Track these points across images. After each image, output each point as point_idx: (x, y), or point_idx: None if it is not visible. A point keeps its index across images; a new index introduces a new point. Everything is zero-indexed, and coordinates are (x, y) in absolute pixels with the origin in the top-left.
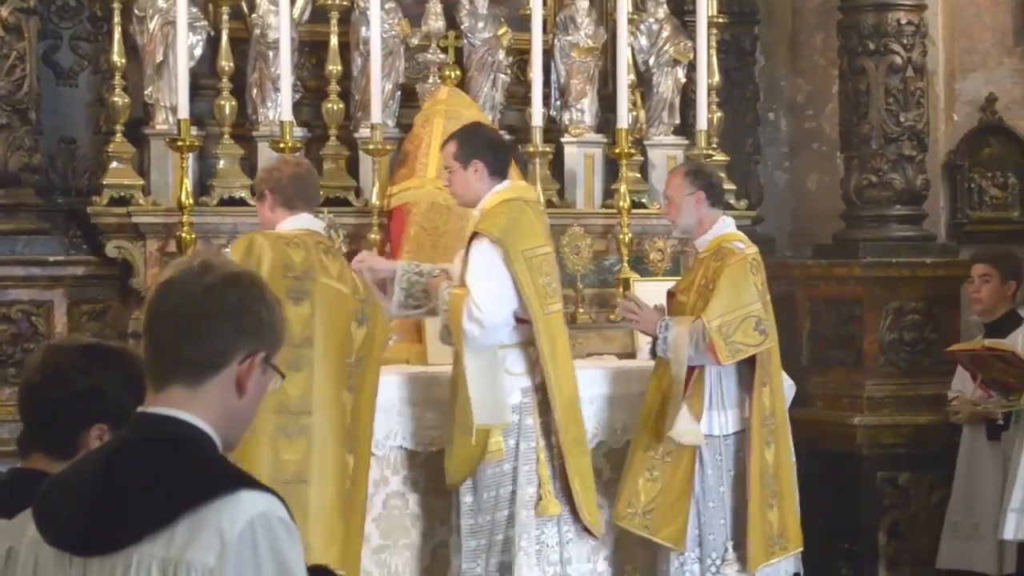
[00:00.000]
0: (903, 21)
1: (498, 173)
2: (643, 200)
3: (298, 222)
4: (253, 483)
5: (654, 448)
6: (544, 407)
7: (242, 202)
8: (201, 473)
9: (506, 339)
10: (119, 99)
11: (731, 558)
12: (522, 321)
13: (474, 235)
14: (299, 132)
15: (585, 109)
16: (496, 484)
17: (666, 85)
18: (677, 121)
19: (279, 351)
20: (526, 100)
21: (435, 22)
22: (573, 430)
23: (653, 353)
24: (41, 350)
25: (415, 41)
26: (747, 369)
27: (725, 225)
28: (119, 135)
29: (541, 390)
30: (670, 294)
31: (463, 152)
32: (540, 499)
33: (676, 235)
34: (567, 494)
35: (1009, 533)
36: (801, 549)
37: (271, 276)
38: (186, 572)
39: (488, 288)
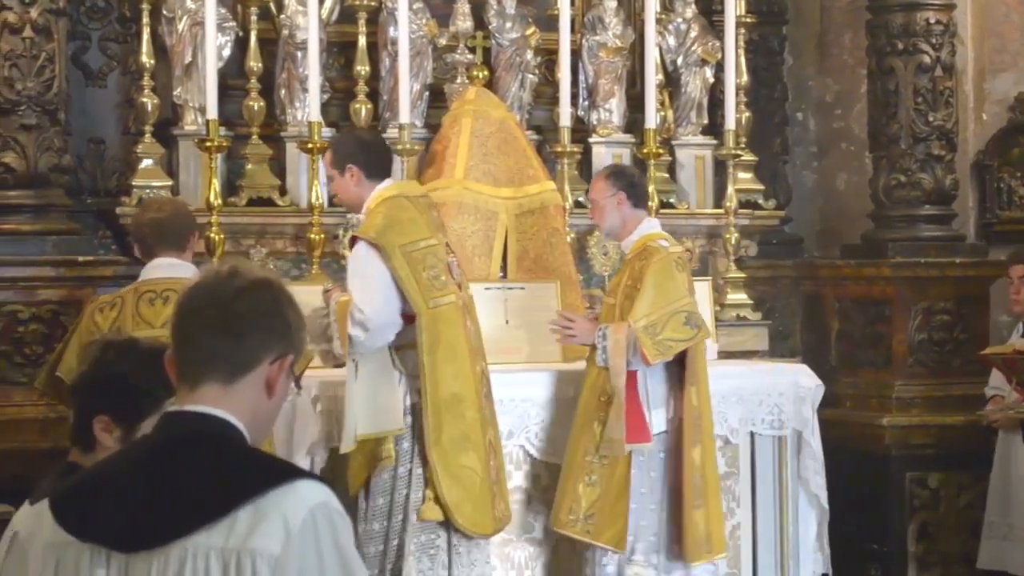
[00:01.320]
0: (932, 20)
1: (377, 174)
2: (671, 200)
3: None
4: (308, 473)
5: (591, 453)
6: None
7: (270, 202)
8: (256, 463)
9: (404, 339)
10: (148, 100)
11: (640, 560)
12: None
13: (352, 240)
14: (327, 132)
15: (613, 109)
16: (389, 489)
17: (694, 85)
18: (705, 121)
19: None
20: (554, 100)
21: (463, 22)
22: (451, 429)
23: None
24: (93, 345)
25: (443, 41)
26: (675, 368)
27: (649, 225)
28: (148, 136)
29: None
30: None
31: (336, 159)
32: (423, 502)
33: (604, 238)
34: None
35: None
36: (724, 555)
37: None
38: (251, 561)
39: (367, 289)
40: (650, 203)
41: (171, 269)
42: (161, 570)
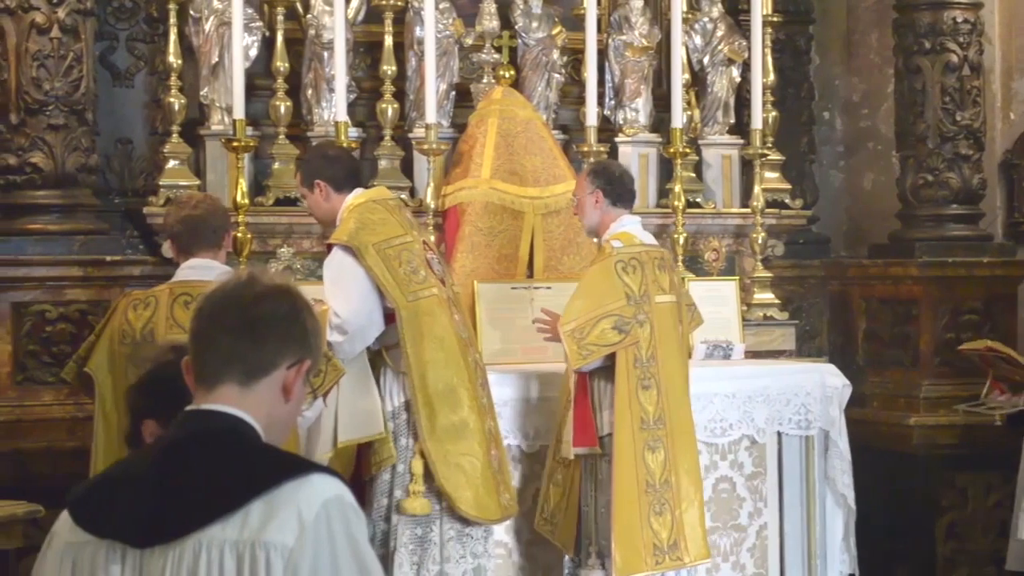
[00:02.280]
0: (959, 19)
1: (345, 186)
2: (698, 200)
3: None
4: (322, 467)
5: (557, 454)
6: None
7: (297, 202)
8: (269, 457)
9: (392, 339)
10: (175, 100)
11: (594, 563)
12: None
13: (328, 248)
14: (354, 132)
15: (639, 108)
16: (388, 489)
17: (720, 84)
18: (732, 120)
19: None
20: (580, 100)
21: (489, 22)
22: (445, 419)
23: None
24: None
25: (469, 41)
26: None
27: (621, 224)
28: (175, 136)
29: None
30: None
31: (304, 177)
32: (408, 496)
33: (587, 236)
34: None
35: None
36: (704, 561)
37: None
38: (265, 553)
39: (343, 291)
40: (634, 201)
41: (206, 271)
42: (176, 564)
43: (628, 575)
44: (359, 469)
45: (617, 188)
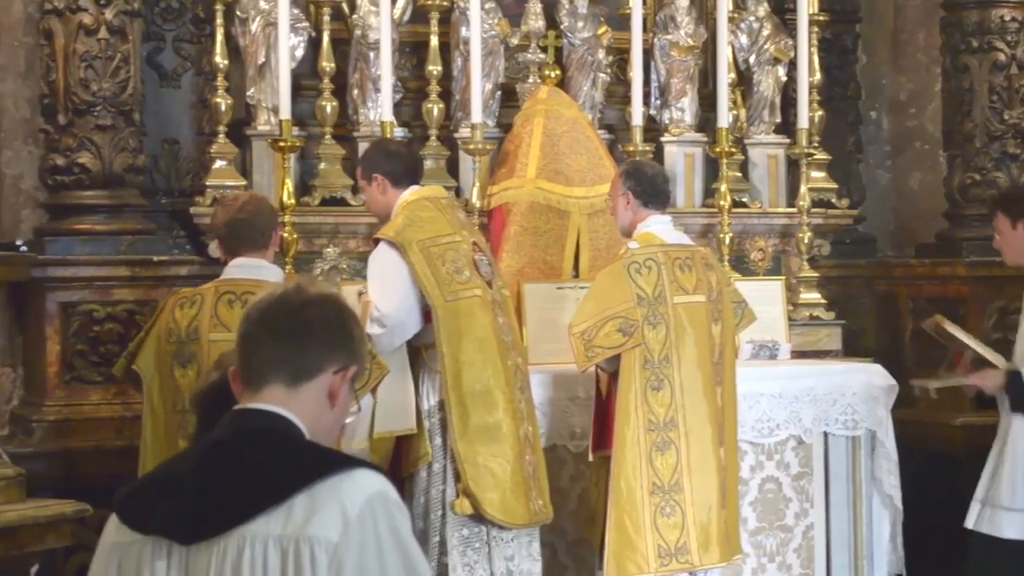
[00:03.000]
0: (1007, 18)
1: (402, 182)
2: (744, 199)
3: None
4: (365, 463)
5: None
6: None
7: (343, 202)
8: (313, 452)
9: (431, 337)
10: (221, 100)
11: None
12: None
13: (375, 242)
14: (399, 132)
15: (685, 108)
16: (426, 487)
17: (767, 84)
18: (778, 120)
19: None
20: (626, 99)
21: (535, 22)
22: (478, 420)
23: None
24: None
25: (515, 41)
26: None
27: (647, 225)
28: (221, 136)
29: None
30: None
31: (364, 170)
32: (456, 496)
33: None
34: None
35: (969, 522)
36: (722, 563)
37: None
38: (309, 548)
39: (385, 287)
40: (667, 201)
41: (252, 270)
42: (220, 559)
43: None
44: (397, 466)
45: (647, 188)
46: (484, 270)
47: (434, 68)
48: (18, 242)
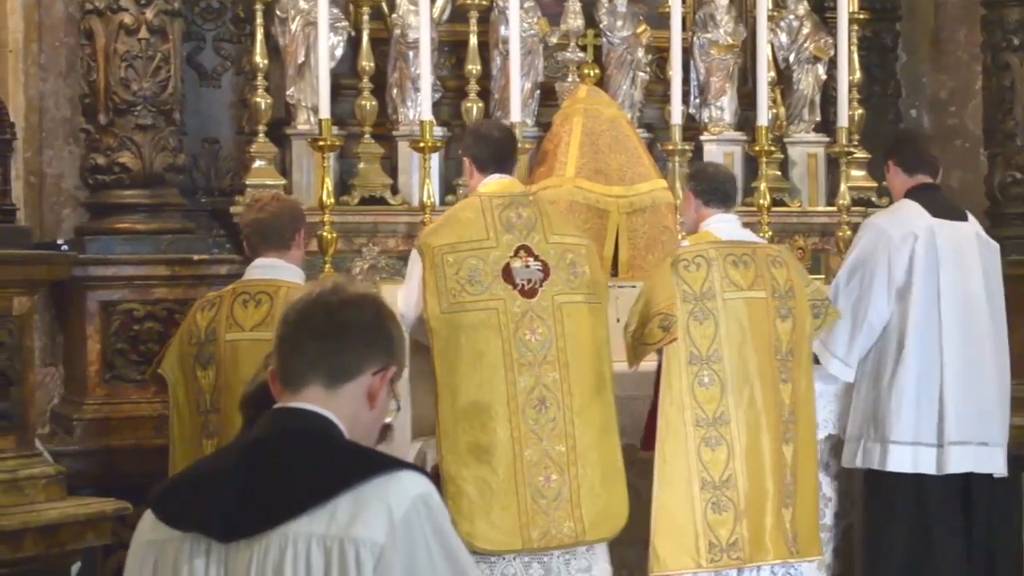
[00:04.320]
0: None
1: (487, 167)
2: (783, 198)
3: None
4: (409, 465)
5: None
6: None
7: (382, 201)
8: (356, 453)
9: None
10: (261, 100)
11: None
12: None
13: None
14: (439, 131)
15: (724, 107)
16: None
17: (806, 82)
18: (818, 118)
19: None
20: (665, 98)
21: (574, 20)
22: (467, 438)
23: None
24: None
25: (554, 40)
26: None
27: (707, 224)
28: (261, 135)
29: None
30: None
31: (461, 150)
32: None
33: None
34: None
35: (846, 461)
36: (777, 561)
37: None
38: (354, 549)
39: (407, 285)
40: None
41: (269, 271)
42: (261, 558)
43: (669, 571)
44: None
45: (708, 188)
46: (521, 278)
47: (473, 67)
48: (59, 241)
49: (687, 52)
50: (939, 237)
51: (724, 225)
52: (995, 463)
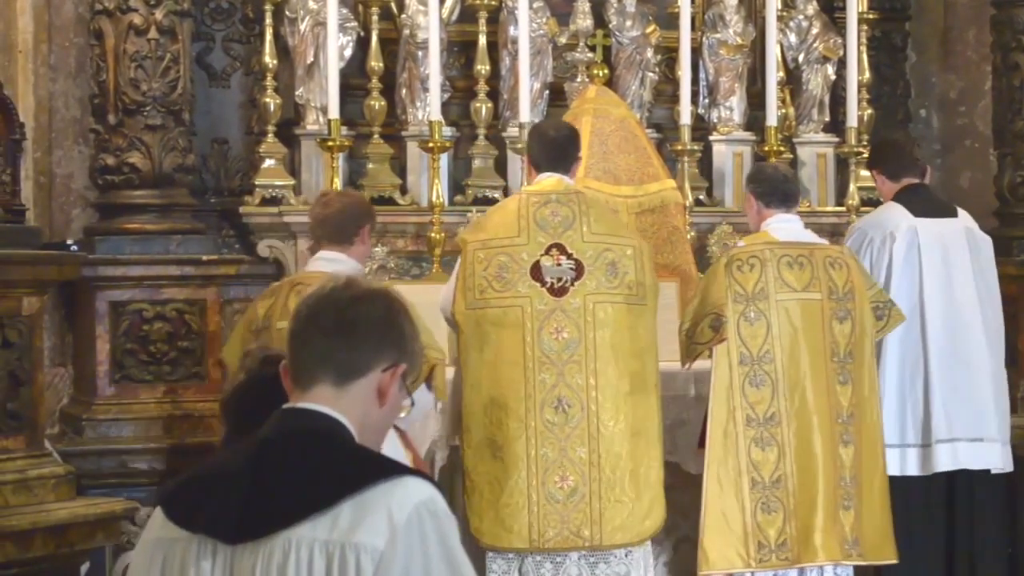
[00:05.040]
0: None
1: (541, 166)
2: None
3: None
4: (414, 471)
5: None
6: None
7: (391, 201)
8: (362, 458)
9: None
10: (270, 100)
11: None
12: None
13: None
14: (448, 131)
15: (734, 107)
16: None
17: (816, 82)
18: (827, 118)
19: (413, 374)
20: (674, 98)
21: (583, 21)
22: (479, 434)
23: None
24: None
25: (563, 40)
26: None
27: (766, 224)
28: (270, 135)
29: None
30: None
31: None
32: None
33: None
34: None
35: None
36: (829, 562)
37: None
38: (355, 555)
39: (450, 280)
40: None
41: (328, 264)
42: (266, 562)
43: (717, 570)
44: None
45: (767, 189)
46: (550, 276)
47: (482, 67)
48: (68, 241)
49: (696, 52)
50: (922, 236)
51: (784, 226)
52: (991, 458)
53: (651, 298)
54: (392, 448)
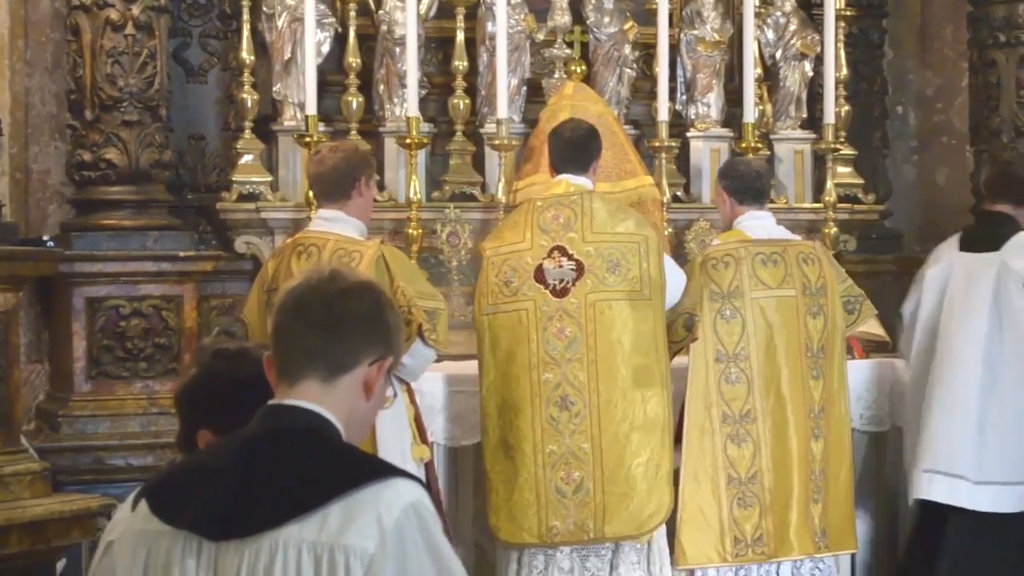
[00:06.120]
0: None
1: (558, 168)
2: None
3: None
4: (402, 472)
5: None
6: None
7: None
8: (351, 459)
9: None
10: (248, 96)
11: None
12: None
13: None
14: (425, 128)
15: (711, 103)
16: None
17: (793, 79)
18: (804, 115)
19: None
20: (652, 95)
21: (561, 17)
22: (495, 434)
23: None
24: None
25: (541, 36)
26: None
27: (739, 222)
28: (248, 131)
29: None
30: None
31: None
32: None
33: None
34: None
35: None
36: (803, 555)
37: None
38: (344, 557)
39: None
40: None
41: (325, 223)
42: (252, 562)
43: (694, 565)
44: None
45: (739, 186)
46: (553, 278)
47: (460, 63)
48: (45, 238)
49: (674, 48)
50: (954, 270)
51: (756, 223)
52: (969, 498)
53: (656, 292)
54: (397, 405)
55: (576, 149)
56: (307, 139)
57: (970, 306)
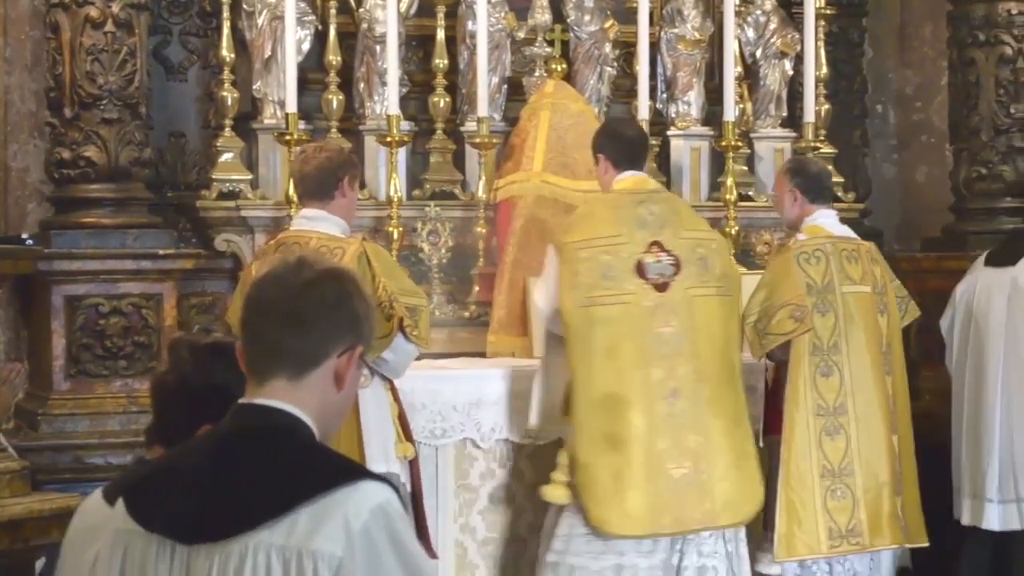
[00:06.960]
0: (1014, 11)
1: (622, 164)
2: (749, 193)
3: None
4: (373, 474)
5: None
6: None
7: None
8: (321, 462)
9: None
10: (228, 94)
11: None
12: None
13: None
14: (406, 126)
15: (691, 102)
16: None
17: (773, 77)
18: (784, 114)
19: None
20: (632, 93)
21: (541, 15)
22: (598, 428)
23: None
24: (168, 345)
25: (521, 34)
26: None
27: (814, 219)
28: (228, 129)
29: None
30: None
31: (592, 148)
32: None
33: (784, 229)
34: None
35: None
36: (894, 546)
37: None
38: (312, 562)
39: (543, 281)
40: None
41: (307, 222)
42: (222, 565)
43: (791, 557)
44: None
45: (814, 185)
46: (653, 273)
47: (440, 62)
48: (24, 236)
49: (654, 47)
50: (979, 285)
51: (831, 220)
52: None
53: (735, 289)
54: (380, 403)
55: (640, 147)
56: (287, 137)
57: (990, 322)
